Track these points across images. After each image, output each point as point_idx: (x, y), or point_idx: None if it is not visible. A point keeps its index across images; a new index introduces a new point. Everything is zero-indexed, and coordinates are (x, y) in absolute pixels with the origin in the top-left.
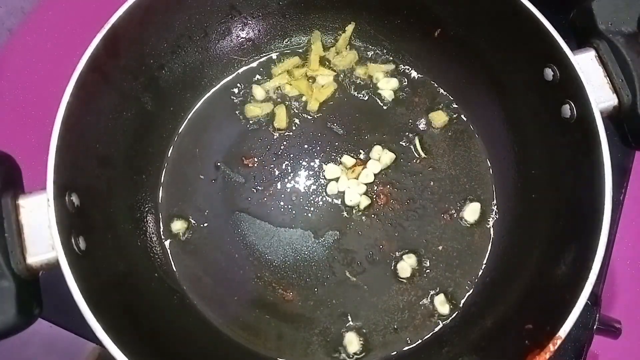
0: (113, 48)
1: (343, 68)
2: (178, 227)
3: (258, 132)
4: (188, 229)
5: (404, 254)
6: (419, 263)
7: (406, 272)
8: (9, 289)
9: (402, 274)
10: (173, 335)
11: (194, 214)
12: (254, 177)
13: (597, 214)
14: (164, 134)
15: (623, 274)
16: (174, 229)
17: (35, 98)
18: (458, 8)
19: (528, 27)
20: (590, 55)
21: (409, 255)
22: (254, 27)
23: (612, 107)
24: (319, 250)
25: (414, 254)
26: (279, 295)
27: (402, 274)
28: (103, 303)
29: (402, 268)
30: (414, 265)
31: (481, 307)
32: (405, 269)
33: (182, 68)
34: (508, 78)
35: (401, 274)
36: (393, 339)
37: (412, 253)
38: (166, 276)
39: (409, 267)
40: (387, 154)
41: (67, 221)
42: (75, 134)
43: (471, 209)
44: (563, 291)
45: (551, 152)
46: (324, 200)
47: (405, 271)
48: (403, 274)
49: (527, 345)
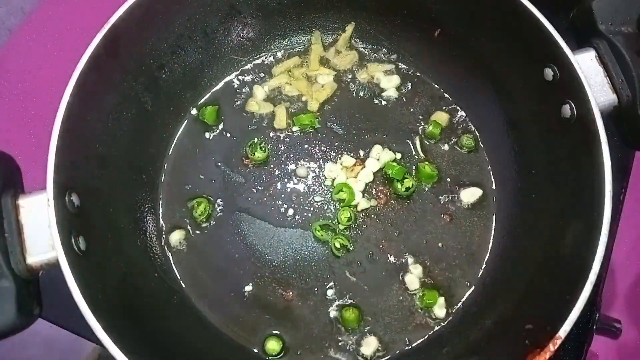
0: (113, 48)
1: (343, 68)
2: (178, 227)
3: (258, 132)
4: (188, 229)
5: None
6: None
7: (414, 284)
8: (9, 289)
9: (411, 286)
10: (173, 335)
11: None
12: (254, 177)
13: (597, 214)
14: (164, 134)
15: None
16: (173, 229)
17: (35, 98)
18: (458, 8)
19: (528, 27)
20: (590, 55)
21: (415, 265)
22: (254, 27)
23: (612, 107)
24: (319, 250)
25: (420, 264)
26: (279, 295)
27: (411, 287)
28: (103, 303)
29: (410, 281)
30: (420, 276)
31: (481, 307)
32: (413, 281)
33: (182, 68)
34: (508, 78)
35: (410, 287)
36: (393, 339)
37: (417, 263)
38: (166, 276)
39: (416, 279)
40: (387, 153)
41: (67, 221)
42: (75, 134)
43: (469, 209)
44: (563, 291)
45: (551, 152)
46: (324, 200)
47: (414, 284)
48: (412, 286)
49: (527, 345)
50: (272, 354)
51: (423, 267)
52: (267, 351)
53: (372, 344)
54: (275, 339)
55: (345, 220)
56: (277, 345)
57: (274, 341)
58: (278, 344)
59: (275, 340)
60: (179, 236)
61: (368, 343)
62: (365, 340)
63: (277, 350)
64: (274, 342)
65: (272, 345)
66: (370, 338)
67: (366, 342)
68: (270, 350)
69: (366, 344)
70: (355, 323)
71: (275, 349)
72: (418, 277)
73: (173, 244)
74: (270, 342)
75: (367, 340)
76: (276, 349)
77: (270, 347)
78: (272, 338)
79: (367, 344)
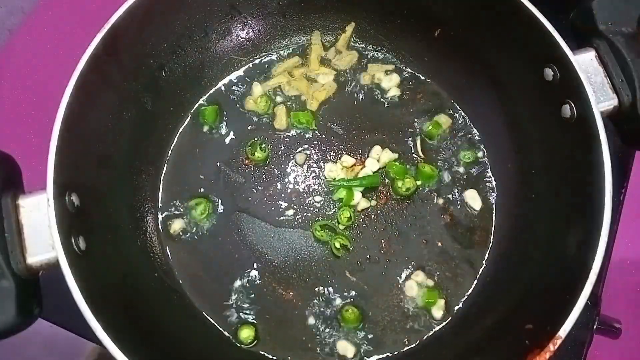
0: (113, 48)
1: (343, 68)
2: (178, 227)
3: (258, 132)
4: (188, 229)
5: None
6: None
7: (414, 284)
8: (9, 289)
9: (409, 292)
10: (173, 335)
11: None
12: (254, 177)
13: (597, 213)
14: (164, 134)
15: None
16: (173, 229)
17: (35, 98)
18: (458, 8)
19: (528, 27)
20: (590, 55)
21: (415, 266)
22: (254, 27)
23: (612, 107)
24: (319, 250)
25: (420, 264)
26: (279, 295)
27: (409, 293)
28: (103, 303)
29: (410, 281)
30: (420, 276)
31: (481, 307)
32: (413, 281)
33: (182, 68)
34: (508, 78)
35: (408, 293)
36: (393, 339)
37: (417, 263)
38: (166, 276)
39: (416, 279)
40: (387, 153)
41: (67, 221)
42: (75, 134)
43: (469, 209)
44: (563, 291)
45: (551, 152)
46: (324, 200)
47: (414, 284)
48: (410, 292)
49: (527, 345)
50: (273, 353)
51: (423, 267)
52: (267, 351)
53: (372, 343)
54: (275, 339)
55: (345, 220)
56: (277, 344)
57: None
58: (278, 343)
59: (275, 339)
60: (179, 236)
61: (368, 343)
62: (366, 340)
63: (277, 350)
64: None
65: (272, 345)
66: (370, 338)
67: (366, 342)
68: (270, 350)
69: (366, 344)
70: (355, 323)
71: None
72: (418, 277)
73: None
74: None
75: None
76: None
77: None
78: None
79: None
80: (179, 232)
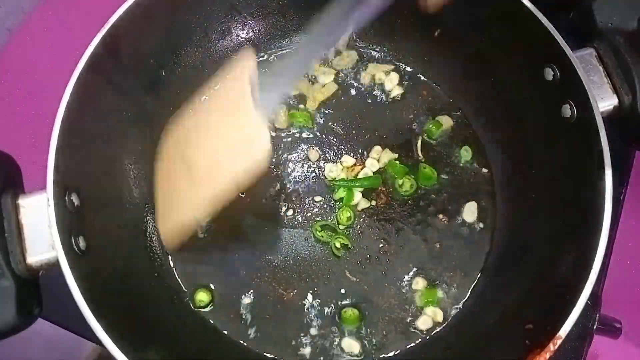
0: (113, 48)
1: (343, 68)
2: None
3: None
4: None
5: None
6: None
7: (414, 284)
8: (9, 288)
9: (409, 292)
10: (173, 334)
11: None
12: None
13: (597, 213)
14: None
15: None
16: None
17: (35, 98)
18: (458, 8)
19: (528, 27)
20: (590, 55)
21: (415, 266)
22: (254, 27)
23: (612, 107)
24: (319, 250)
25: (420, 264)
26: (279, 295)
27: (411, 287)
28: (103, 303)
29: (410, 281)
30: (420, 276)
31: (481, 307)
32: (413, 281)
33: (182, 68)
34: (508, 78)
35: (410, 287)
36: (393, 339)
37: (417, 263)
38: (166, 276)
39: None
40: (387, 153)
41: (67, 221)
42: (75, 134)
43: (469, 209)
44: (563, 291)
45: (551, 152)
46: (324, 200)
47: (414, 284)
48: (412, 286)
49: (527, 345)
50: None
51: (423, 267)
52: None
53: (372, 344)
54: (275, 339)
55: (345, 220)
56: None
57: (274, 341)
58: (278, 343)
59: (275, 339)
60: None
61: (368, 343)
62: (366, 340)
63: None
64: (274, 341)
65: (272, 345)
66: (370, 338)
67: (367, 342)
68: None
69: (367, 344)
70: (356, 323)
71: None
72: (418, 278)
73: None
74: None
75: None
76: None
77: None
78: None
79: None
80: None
